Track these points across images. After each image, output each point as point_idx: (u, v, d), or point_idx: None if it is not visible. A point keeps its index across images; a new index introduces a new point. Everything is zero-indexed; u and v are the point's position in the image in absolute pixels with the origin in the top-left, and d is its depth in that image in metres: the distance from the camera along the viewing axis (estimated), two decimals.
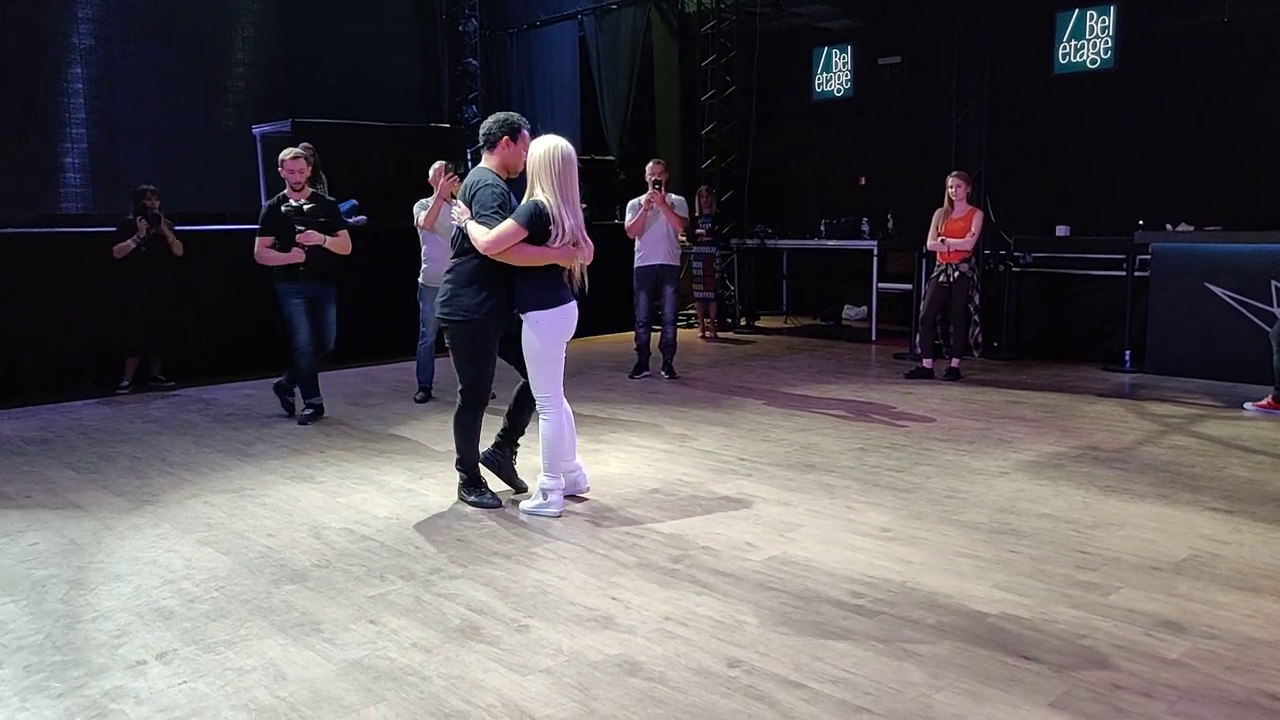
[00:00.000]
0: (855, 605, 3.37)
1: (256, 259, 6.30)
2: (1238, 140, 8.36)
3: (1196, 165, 8.63)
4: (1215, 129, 8.54)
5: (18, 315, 7.34)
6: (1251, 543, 3.94)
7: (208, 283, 8.10)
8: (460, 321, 4.37)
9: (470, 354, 4.45)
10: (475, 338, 4.41)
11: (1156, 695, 2.73)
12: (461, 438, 4.63)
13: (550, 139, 4.29)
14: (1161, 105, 8.87)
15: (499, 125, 4.43)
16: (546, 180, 4.23)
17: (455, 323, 4.39)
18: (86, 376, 7.58)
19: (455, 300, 4.37)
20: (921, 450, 5.50)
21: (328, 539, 4.16)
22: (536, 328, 4.30)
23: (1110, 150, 9.28)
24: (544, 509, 4.43)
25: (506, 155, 4.42)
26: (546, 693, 2.80)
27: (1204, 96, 8.60)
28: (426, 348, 7.06)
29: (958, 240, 7.56)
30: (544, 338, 4.32)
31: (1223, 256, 7.44)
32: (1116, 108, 9.16)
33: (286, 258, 6.23)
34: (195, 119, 11.48)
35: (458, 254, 4.44)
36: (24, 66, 10.23)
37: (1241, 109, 8.38)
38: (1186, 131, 8.73)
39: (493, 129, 4.43)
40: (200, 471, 5.28)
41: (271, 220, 6.28)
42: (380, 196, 9.45)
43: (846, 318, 11.61)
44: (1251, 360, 6.95)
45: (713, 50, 11.27)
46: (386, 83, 13.15)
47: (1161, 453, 5.38)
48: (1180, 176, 8.73)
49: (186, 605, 3.46)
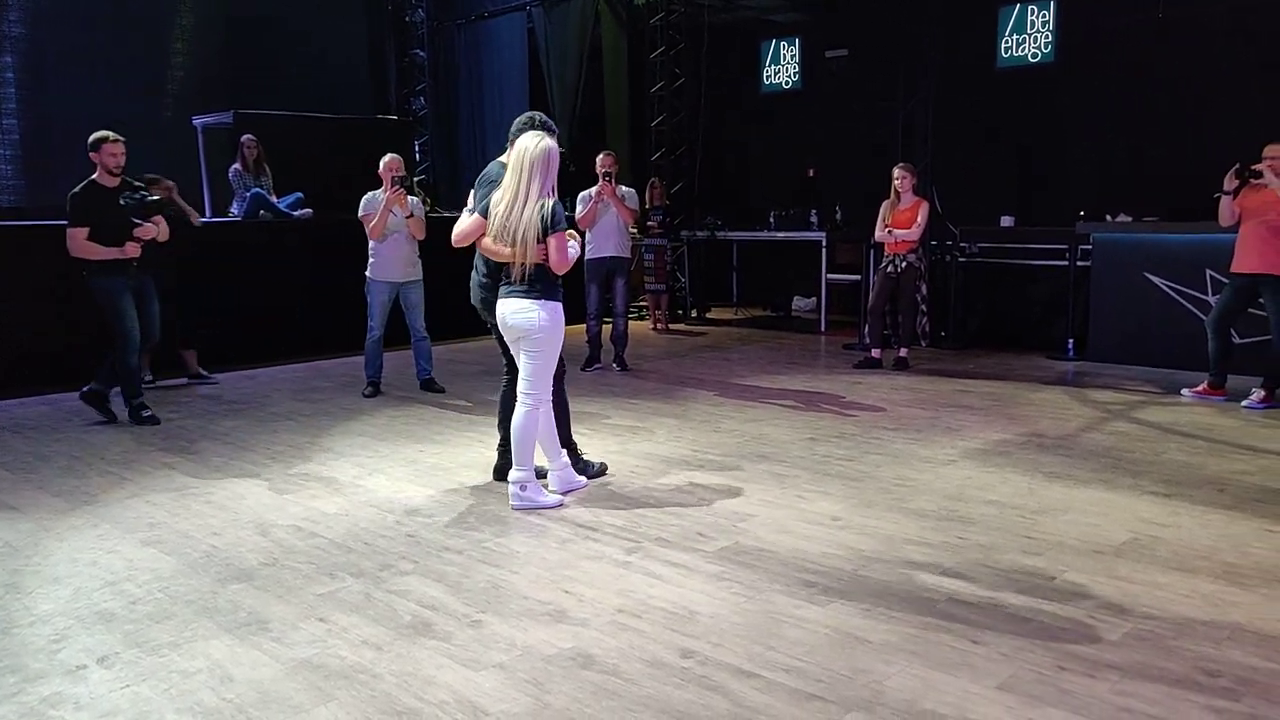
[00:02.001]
0: (807, 594, 3.40)
1: (73, 252, 5.85)
2: (1174, 133, 8.58)
3: (1135, 157, 8.84)
4: (1152, 122, 8.75)
5: None
6: (1189, 525, 4.05)
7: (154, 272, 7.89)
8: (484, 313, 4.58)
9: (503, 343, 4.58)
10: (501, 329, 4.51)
11: (1099, 676, 2.79)
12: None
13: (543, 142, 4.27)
14: (1101, 99, 9.07)
15: (523, 123, 4.50)
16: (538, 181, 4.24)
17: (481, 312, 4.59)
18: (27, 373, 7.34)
19: (477, 293, 4.58)
20: (871, 439, 5.56)
21: (275, 537, 4.08)
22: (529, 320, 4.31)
23: (1052, 142, 9.47)
24: (538, 501, 4.37)
25: None
26: (500, 688, 2.78)
27: (1141, 90, 8.80)
28: (374, 342, 6.97)
29: (904, 231, 7.65)
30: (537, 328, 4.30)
31: (1160, 246, 7.63)
32: (1057, 101, 9.34)
33: (119, 252, 5.88)
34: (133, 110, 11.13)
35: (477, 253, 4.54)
36: None
37: (1177, 103, 8.59)
38: (1125, 124, 8.93)
39: (515, 129, 4.50)
40: (141, 470, 5.15)
41: (92, 208, 5.84)
42: (326, 189, 9.29)
43: (796, 309, 11.70)
44: (1188, 347, 7.14)
45: (661, 42, 11.26)
46: (332, 73, 12.91)
47: (1103, 439, 5.51)
48: (1119, 168, 8.94)
49: (128, 607, 3.38)
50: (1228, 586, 3.41)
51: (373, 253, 6.85)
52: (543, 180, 4.24)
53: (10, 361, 7.32)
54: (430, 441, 5.68)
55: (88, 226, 5.84)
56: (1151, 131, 8.74)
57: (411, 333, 7.09)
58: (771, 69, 11.73)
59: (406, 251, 6.87)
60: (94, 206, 5.88)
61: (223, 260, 8.25)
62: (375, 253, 6.83)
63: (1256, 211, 6.13)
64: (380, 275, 6.85)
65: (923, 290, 8.25)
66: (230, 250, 8.42)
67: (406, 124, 12.78)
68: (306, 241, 8.94)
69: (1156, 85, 8.70)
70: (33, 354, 7.38)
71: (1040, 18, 9.24)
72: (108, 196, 5.92)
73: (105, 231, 5.88)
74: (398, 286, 6.90)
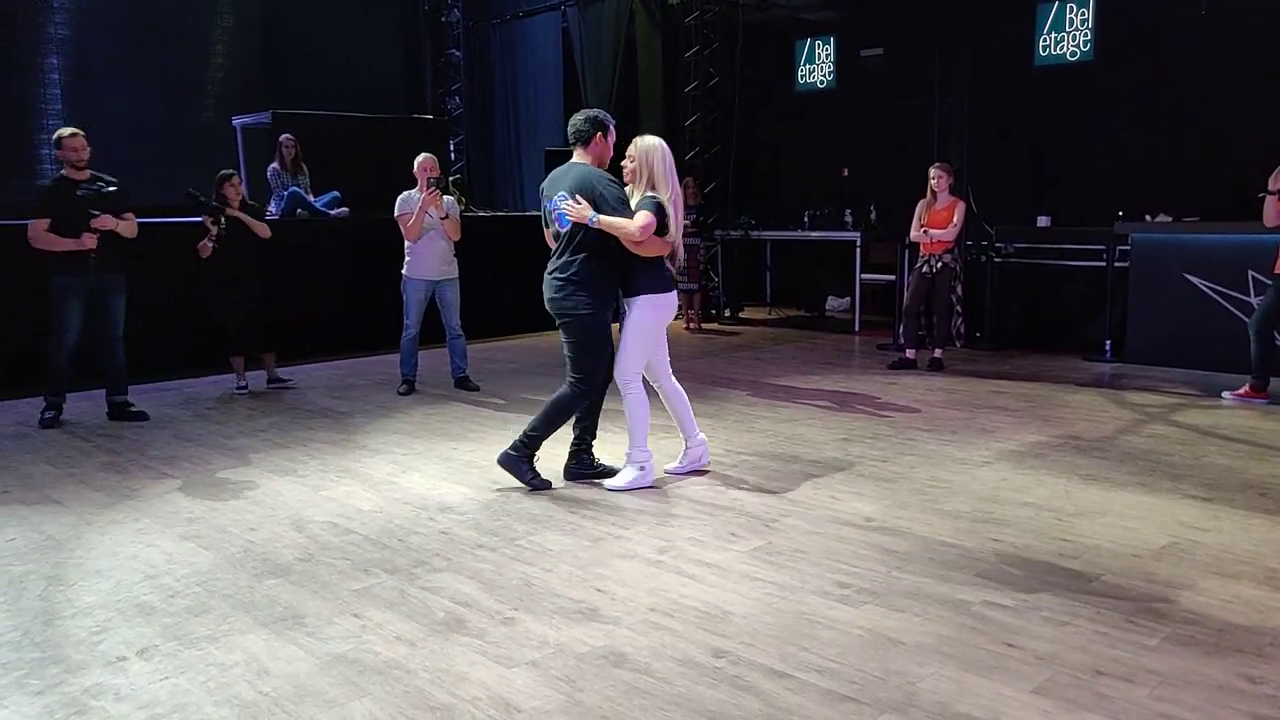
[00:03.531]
0: (840, 595, 3.38)
1: (34, 243, 5.86)
2: (1215, 132, 8.42)
3: (1175, 157, 8.69)
4: (1193, 121, 8.59)
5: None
6: (1229, 529, 3.98)
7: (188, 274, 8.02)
8: (588, 314, 4.49)
9: (593, 345, 4.57)
10: (600, 330, 4.56)
11: (1138, 681, 2.75)
12: (554, 422, 4.63)
13: (654, 138, 4.61)
14: (1140, 97, 8.92)
15: (590, 123, 4.57)
16: (662, 178, 4.51)
17: (581, 316, 4.50)
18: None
19: (578, 296, 4.49)
20: (905, 440, 5.52)
21: (311, 532, 4.14)
22: (647, 310, 4.57)
23: (1090, 142, 9.33)
24: (638, 482, 4.63)
25: (601, 150, 4.60)
26: (532, 685, 2.80)
27: (1182, 88, 8.65)
28: (410, 340, 7.02)
29: (940, 231, 7.58)
30: (652, 319, 4.60)
31: (1201, 247, 7.49)
32: (1096, 100, 9.20)
33: (75, 244, 5.83)
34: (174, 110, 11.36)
35: (570, 251, 4.49)
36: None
37: (1219, 101, 8.43)
38: (1165, 123, 8.78)
39: (585, 127, 4.56)
40: (181, 466, 5.24)
41: (55, 201, 5.83)
42: (363, 188, 9.38)
43: (830, 309, 11.64)
44: (1229, 349, 7.01)
45: (696, 41, 11.24)
46: (369, 73, 13.05)
47: (1141, 441, 5.42)
48: (1159, 168, 8.79)
49: (167, 600, 3.44)
50: (1271, 592, 3.35)
51: (408, 251, 6.91)
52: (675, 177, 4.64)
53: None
54: (464, 439, 5.72)
55: (49, 218, 5.87)
56: (1193, 130, 8.58)
57: (447, 331, 7.14)
58: (806, 68, 11.68)
59: (442, 249, 6.92)
60: (57, 199, 5.92)
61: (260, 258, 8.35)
62: (411, 251, 6.89)
63: None
64: (416, 273, 6.91)
65: (958, 291, 8.16)
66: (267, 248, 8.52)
67: (442, 123, 12.87)
68: (343, 240, 9.04)
69: (1198, 83, 8.55)
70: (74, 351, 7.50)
71: (1079, 15, 9.11)
72: (73, 189, 5.93)
73: (65, 223, 5.87)
74: (434, 284, 6.95)
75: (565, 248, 4.52)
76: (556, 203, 4.50)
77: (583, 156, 4.59)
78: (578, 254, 4.48)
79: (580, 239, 4.47)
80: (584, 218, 4.38)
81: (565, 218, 4.47)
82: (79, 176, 5.96)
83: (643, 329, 4.60)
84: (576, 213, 4.39)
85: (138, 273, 7.70)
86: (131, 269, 6.35)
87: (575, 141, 4.61)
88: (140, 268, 7.74)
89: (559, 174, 4.61)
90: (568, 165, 4.63)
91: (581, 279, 4.48)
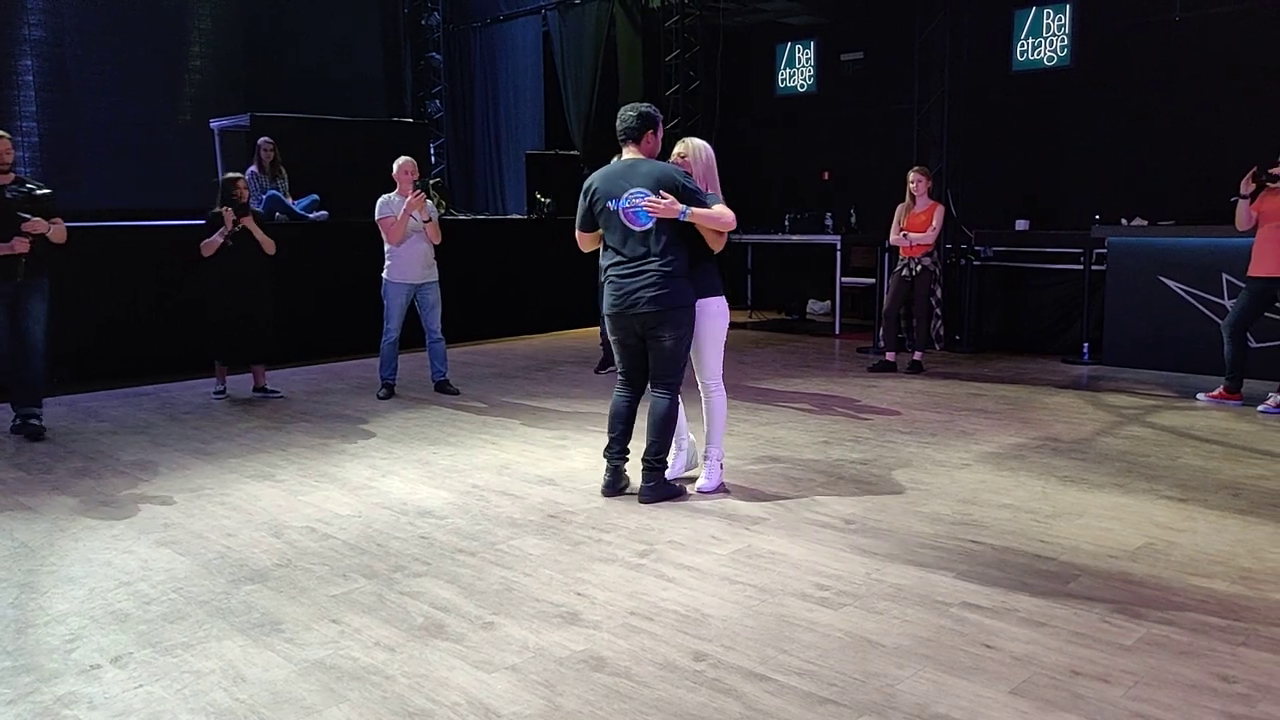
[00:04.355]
0: (820, 597, 3.39)
1: None
2: (1190, 136, 8.51)
3: (1150, 161, 8.78)
4: (1168, 125, 8.69)
5: None
6: (1204, 530, 4.02)
7: (166, 278, 7.96)
8: (689, 308, 4.40)
9: (688, 340, 4.47)
10: (693, 324, 4.45)
11: (1113, 681, 2.77)
12: (667, 433, 4.54)
13: (699, 139, 4.68)
14: (1116, 102, 9.01)
15: (642, 119, 4.45)
16: (714, 177, 4.59)
17: (688, 307, 4.40)
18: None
19: (680, 287, 4.35)
20: (885, 443, 5.54)
21: (289, 538, 4.11)
22: (721, 311, 4.58)
23: (1068, 146, 9.41)
24: (721, 477, 4.70)
25: (652, 147, 4.51)
26: (512, 690, 2.79)
27: (1157, 94, 8.74)
28: (390, 343, 6.99)
29: (920, 234, 7.63)
30: (723, 320, 4.60)
31: (1175, 250, 7.57)
32: (1073, 104, 9.28)
33: (6, 248, 5.56)
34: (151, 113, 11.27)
35: (658, 247, 4.31)
36: None
37: (1193, 106, 8.53)
38: (1141, 128, 8.87)
39: (636, 123, 4.44)
40: (157, 471, 5.19)
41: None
42: (342, 191, 9.34)
43: (810, 312, 11.67)
44: (1204, 351, 7.08)
45: (676, 45, 11.27)
46: (348, 76, 13.01)
47: (1118, 443, 5.47)
48: (1135, 172, 8.87)
49: (142, 607, 3.40)
50: (1243, 591, 3.38)
51: (389, 255, 6.87)
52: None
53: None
54: (444, 444, 5.70)
55: None
56: (1167, 135, 8.68)
57: (427, 334, 7.11)
58: (786, 72, 11.72)
59: (424, 252, 6.90)
60: None
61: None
62: (392, 254, 6.86)
63: (1273, 215, 6.08)
64: (397, 277, 6.87)
65: (937, 294, 8.21)
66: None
67: (422, 126, 12.83)
68: (322, 243, 8.99)
69: (1173, 88, 8.64)
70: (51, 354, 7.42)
71: (1056, 21, 9.20)
72: (1, 194, 5.69)
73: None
74: (415, 288, 6.92)
75: (654, 244, 4.31)
76: (633, 200, 4.32)
77: (635, 152, 4.44)
78: (668, 249, 4.31)
79: (667, 234, 4.31)
80: (675, 212, 4.24)
81: (645, 214, 4.30)
82: (4, 180, 5.72)
83: (722, 327, 4.60)
84: (665, 208, 4.24)
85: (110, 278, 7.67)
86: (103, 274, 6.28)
87: (625, 137, 4.44)
88: (114, 272, 7.70)
89: (617, 173, 4.41)
90: (626, 163, 4.43)
91: (680, 271, 4.34)
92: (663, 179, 4.32)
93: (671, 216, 4.27)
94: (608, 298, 4.48)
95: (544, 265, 10.62)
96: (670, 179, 4.33)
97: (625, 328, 4.45)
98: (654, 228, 4.32)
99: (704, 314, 4.50)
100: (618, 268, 4.41)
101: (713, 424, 4.69)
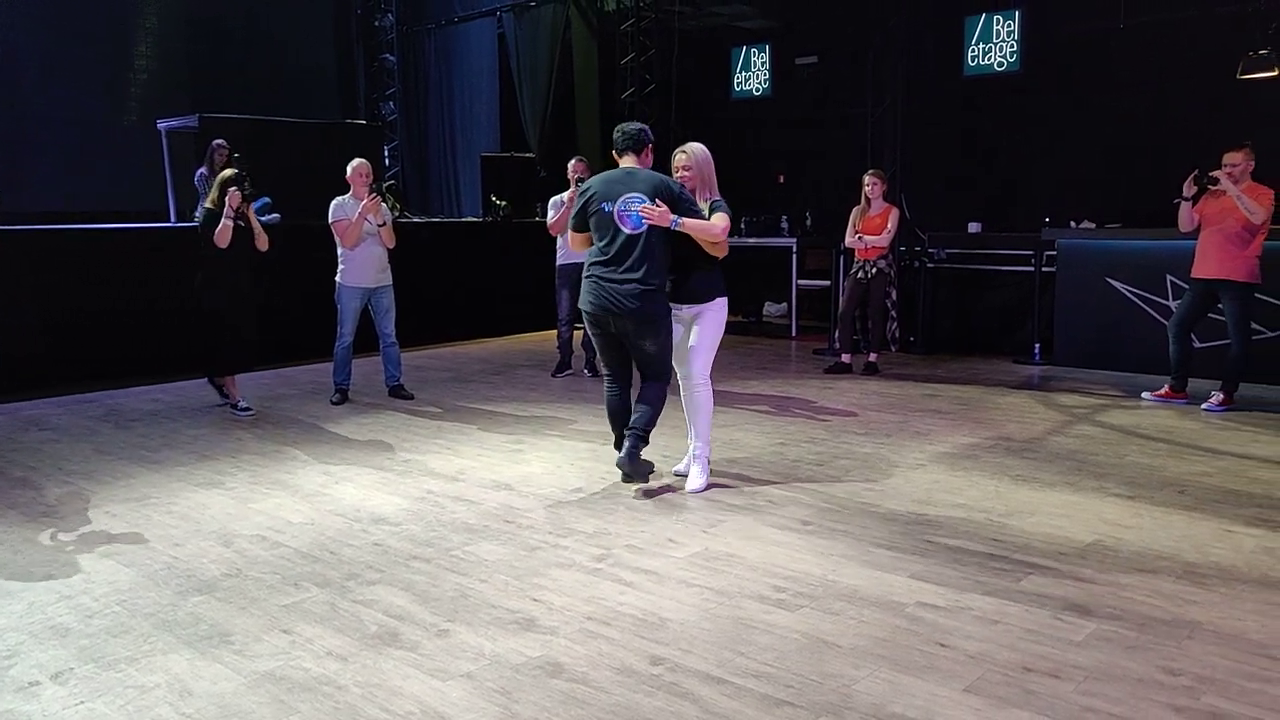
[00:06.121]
0: (777, 599, 3.39)
1: None
2: (1135, 141, 8.70)
3: (1097, 164, 8.96)
4: (1114, 130, 8.87)
5: None
6: (1150, 526, 4.09)
7: (112, 282, 7.78)
8: (668, 314, 4.57)
9: (668, 340, 4.62)
10: (670, 327, 4.61)
11: (1064, 676, 2.81)
12: (658, 412, 4.69)
13: (698, 144, 4.75)
14: (1065, 107, 9.18)
15: (645, 132, 4.68)
16: (715, 184, 4.69)
17: (667, 318, 4.57)
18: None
19: (660, 298, 4.52)
20: (841, 444, 5.58)
21: (238, 547, 4.02)
22: (720, 313, 4.69)
23: (1018, 150, 9.57)
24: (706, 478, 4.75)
25: (648, 161, 4.70)
26: (467, 698, 2.75)
27: (1104, 99, 8.92)
28: (344, 348, 6.89)
29: (875, 237, 7.70)
30: (723, 321, 4.72)
31: (1122, 253, 7.73)
32: (1023, 109, 9.44)
33: None
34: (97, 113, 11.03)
35: (645, 255, 4.45)
36: None
37: (1138, 111, 8.72)
38: (1088, 132, 9.05)
39: (641, 135, 4.66)
40: (101, 480, 5.06)
41: None
42: (295, 194, 9.19)
43: (767, 314, 11.73)
44: (1151, 351, 7.23)
45: (632, 48, 11.27)
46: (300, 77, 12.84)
47: (1068, 442, 5.56)
48: (1083, 175, 9.05)
49: (84, 621, 3.31)
50: (1188, 586, 3.45)
51: (343, 258, 6.78)
52: None
53: None
54: (399, 449, 5.63)
55: None
56: (1114, 139, 8.86)
57: (380, 338, 7.02)
58: (742, 75, 11.77)
59: (378, 255, 6.81)
60: None
61: (188, 267, 8.14)
62: (346, 258, 6.76)
63: (1215, 218, 6.23)
64: (352, 281, 6.78)
65: (892, 296, 8.30)
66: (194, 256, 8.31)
67: (376, 129, 12.69)
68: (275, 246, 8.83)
69: (1118, 94, 8.83)
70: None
71: (1005, 27, 9.34)
72: None
73: None
74: (369, 292, 6.83)
75: (639, 252, 4.45)
76: (628, 206, 4.45)
77: (634, 162, 4.64)
78: (654, 257, 4.48)
79: (655, 242, 4.47)
80: (667, 220, 4.39)
81: (640, 219, 4.43)
82: None
83: (719, 330, 4.72)
84: (658, 215, 4.38)
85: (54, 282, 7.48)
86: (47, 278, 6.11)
87: (628, 147, 4.65)
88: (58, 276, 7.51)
89: (616, 178, 4.59)
90: (625, 170, 4.62)
91: (661, 282, 4.53)
92: (659, 187, 4.49)
93: (664, 224, 4.41)
94: (587, 294, 4.62)
95: (500, 268, 10.55)
96: (667, 188, 4.50)
97: (603, 326, 4.61)
98: (639, 235, 4.47)
99: (707, 315, 4.66)
100: (601, 267, 4.58)
101: (701, 421, 4.77)
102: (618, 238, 4.50)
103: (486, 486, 4.85)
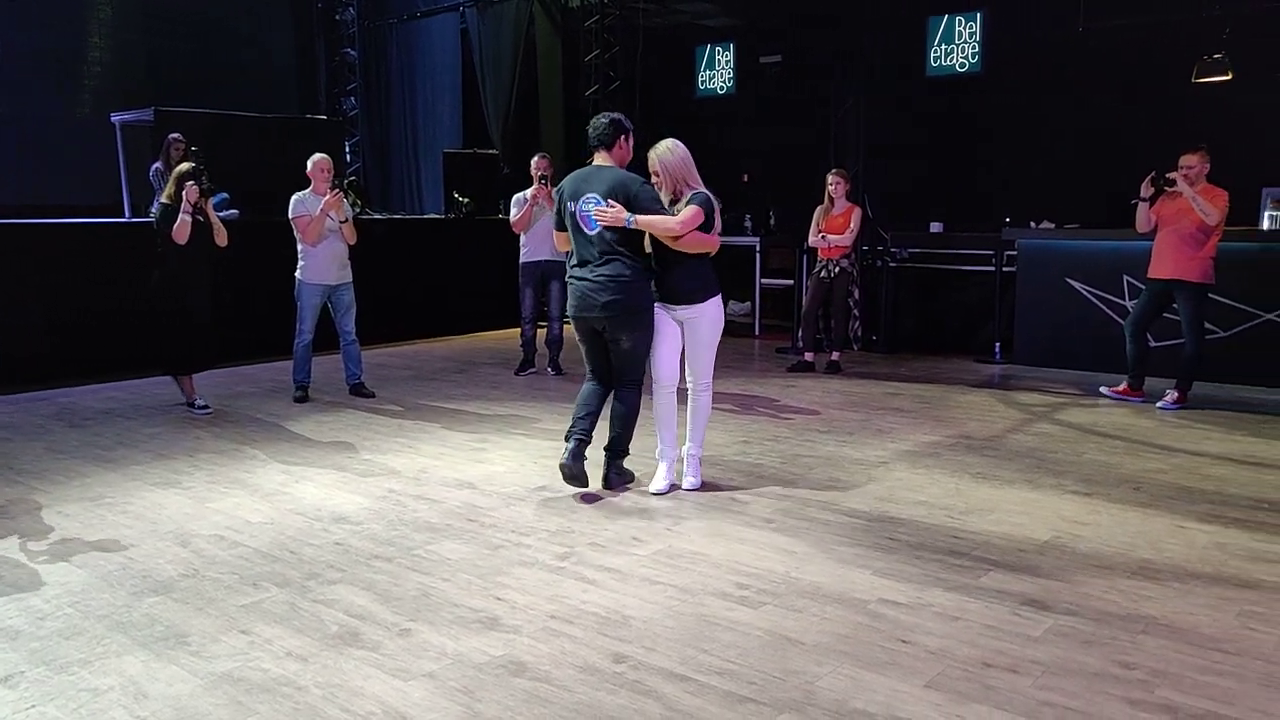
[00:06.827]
0: (740, 596, 3.40)
1: None
2: (1093, 142, 8.83)
3: (1057, 165, 9.08)
4: (1073, 132, 9.00)
5: None
6: (1107, 523, 4.16)
7: (64, 279, 7.61)
8: (649, 310, 4.54)
9: (649, 340, 4.59)
10: (652, 323, 4.58)
11: (1022, 671, 2.85)
12: (632, 424, 4.71)
13: (666, 141, 4.60)
14: (1025, 108, 9.29)
15: (614, 125, 4.56)
16: (694, 176, 4.57)
17: (647, 311, 4.54)
18: None
19: (638, 290, 4.49)
20: (804, 442, 5.61)
21: (196, 547, 3.95)
22: (716, 311, 4.67)
23: (980, 150, 9.67)
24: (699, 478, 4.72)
25: (623, 154, 4.61)
26: (429, 697, 2.73)
27: (1063, 101, 9.05)
28: (304, 346, 6.81)
29: (838, 236, 7.75)
30: (719, 320, 4.70)
31: (1080, 253, 7.85)
32: (984, 110, 9.54)
33: None
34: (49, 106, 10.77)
35: (612, 253, 4.44)
36: None
37: (1097, 113, 8.85)
38: (1048, 134, 9.17)
39: (609, 130, 4.54)
40: (54, 480, 4.94)
41: None
42: (253, 189, 9.05)
43: (730, 313, 11.73)
44: (1108, 350, 7.35)
45: (596, 45, 11.25)
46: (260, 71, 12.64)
47: (1028, 440, 5.64)
48: (1042, 176, 9.17)
49: (35, 624, 3.23)
50: (1143, 582, 3.51)
51: (303, 255, 6.69)
52: None
53: None
54: (360, 447, 5.57)
55: None
56: (1073, 141, 8.99)
57: (341, 336, 6.94)
58: (706, 74, 11.78)
59: (339, 252, 6.74)
60: None
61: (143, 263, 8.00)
62: (307, 255, 6.68)
63: (1171, 219, 6.34)
64: (312, 278, 6.69)
65: (855, 295, 8.36)
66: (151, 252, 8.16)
67: (337, 124, 12.53)
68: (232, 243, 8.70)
69: (1077, 96, 8.96)
70: None
71: (967, 29, 9.43)
72: None
73: None
74: (330, 289, 6.75)
75: (605, 250, 4.45)
76: (585, 206, 4.44)
77: (606, 159, 4.56)
78: (622, 254, 4.45)
79: (622, 239, 4.44)
80: (620, 220, 4.36)
81: (594, 221, 4.42)
82: None
83: (718, 330, 4.71)
84: (611, 216, 4.36)
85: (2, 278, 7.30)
86: None
87: (598, 144, 4.56)
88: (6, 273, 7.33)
89: (582, 177, 4.55)
90: (592, 169, 4.57)
91: (634, 274, 4.48)
92: (616, 187, 4.44)
93: (619, 225, 4.38)
94: (569, 299, 4.64)
95: (462, 266, 10.48)
96: (624, 187, 4.44)
97: (584, 328, 4.60)
98: (602, 233, 4.45)
99: (704, 317, 4.65)
100: (576, 268, 4.58)
101: (699, 423, 4.77)
102: (582, 238, 4.52)
103: (449, 485, 4.81)
